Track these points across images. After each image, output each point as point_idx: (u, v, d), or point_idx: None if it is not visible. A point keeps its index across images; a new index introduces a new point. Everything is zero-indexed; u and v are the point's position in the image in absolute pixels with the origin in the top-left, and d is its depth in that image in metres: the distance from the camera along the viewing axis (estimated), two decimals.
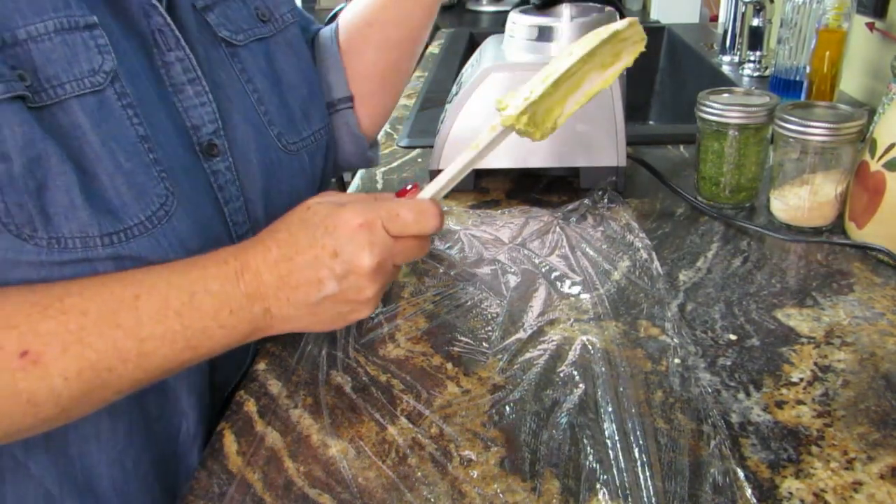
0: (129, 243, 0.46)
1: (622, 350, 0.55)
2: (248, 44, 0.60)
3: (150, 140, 0.48)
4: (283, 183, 0.61)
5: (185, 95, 0.53)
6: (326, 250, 0.46)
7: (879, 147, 0.64)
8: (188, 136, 0.53)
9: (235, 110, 0.57)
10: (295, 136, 0.63)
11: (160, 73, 0.51)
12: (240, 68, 0.59)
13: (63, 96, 0.44)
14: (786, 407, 0.49)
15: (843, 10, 0.99)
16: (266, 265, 0.47)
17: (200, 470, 0.47)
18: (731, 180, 0.76)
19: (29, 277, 0.43)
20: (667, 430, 0.47)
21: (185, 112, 0.53)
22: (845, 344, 0.55)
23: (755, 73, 1.29)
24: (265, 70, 0.61)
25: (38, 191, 0.42)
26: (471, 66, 0.85)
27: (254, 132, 0.58)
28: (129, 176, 0.46)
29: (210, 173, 0.54)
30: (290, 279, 0.47)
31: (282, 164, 0.61)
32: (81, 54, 0.45)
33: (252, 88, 0.59)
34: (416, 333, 0.59)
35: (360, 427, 0.49)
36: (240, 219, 0.57)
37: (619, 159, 0.79)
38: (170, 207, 0.48)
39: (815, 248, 0.69)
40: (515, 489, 0.43)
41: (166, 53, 0.51)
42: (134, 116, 0.47)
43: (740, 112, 0.72)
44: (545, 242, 0.71)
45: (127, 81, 0.47)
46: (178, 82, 0.52)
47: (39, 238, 0.43)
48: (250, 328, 0.47)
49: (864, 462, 0.44)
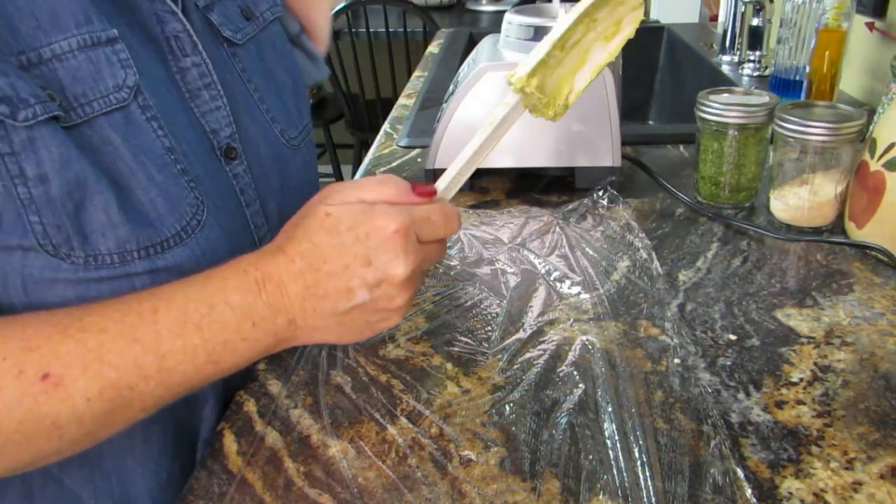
0: (166, 255, 0.46)
1: (622, 350, 0.55)
2: (245, 42, 0.60)
3: (175, 151, 0.48)
4: (293, 179, 0.62)
5: (201, 100, 0.52)
6: (358, 259, 0.44)
7: (879, 147, 0.64)
8: (209, 141, 0.53)
9: (243, 111, 0.57)
10: (294, 131, 0.63)
11: (176, 80, 0.51)
12: (241, 68, 0.58)
13: (91, 114, 0.43)
14: (786, 407, 0.49)
15: (843, 10, 0.99)
16: (290, 276, 0.45)
17: (200, 470, 0.47)
18: (731, 180, 0.76)
19: (66, 296, 0.43)
20: (667, 430, 0.47)
21: (203, 117, 0.52)
22: (845, 344, 0.55)
23: (755, 72, 1.29)
24: (259, 68, 0.61)
25: (76, 211, 0.42)
26: (467, 65, 0.85)
27: (262, 132, 0.58)
28: (163, 188, 0.46)
29: (232, 177, 0.54)
30: (317, 289, 0.45)
31: (289, 160, 0.61)
32: (105, 70, 0.44)
33: (253, 87, 0.59)
34: (416, 333, 0.59)
35: (360, 427, 0.49)
36: (259, 221, 0.57)
37: (615, 159, 0.79)
38: (201, 216, 0.49)
39: (814, 247, 0.69)
40: (515, 489, 0.43)
41: (182, 59, 0.51)
42: (159, 129, 0.47)
43: (740, 112, 0.72)
44: (545, 242, 0.71)
45: (149, 93, 0.47)
46: (193, 88, 0.52)
47: (76, 256, 0.43)
48: (274, 340, 0.46)
49: (864, 462, 0.44)
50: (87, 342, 0.41)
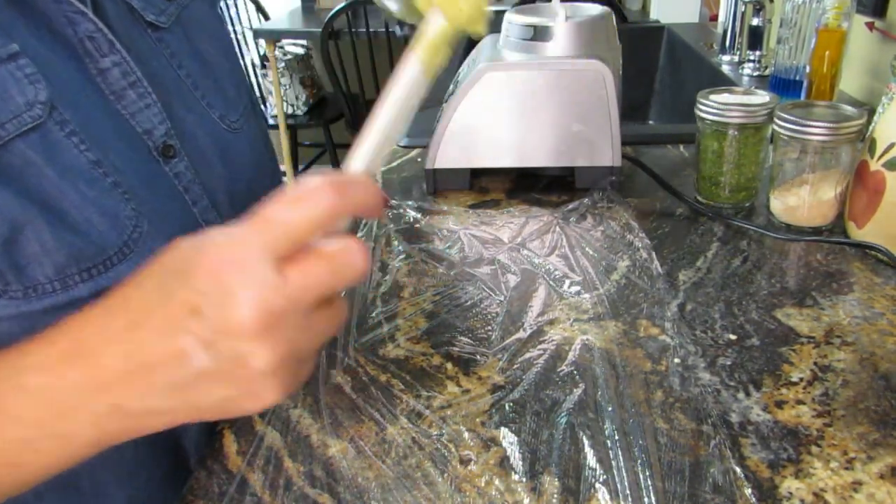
0: (109, 273, 0.44)
1: (622, 350, 0.55)
2: (171, 25, 0.55)
3: (103, 164, 0.45)
4: (239, 164, 0.58)
5: (128, 101, 0.48)
6: (184, 307, 0.32)
7: (879, 146, 0.64)
8: (143, 143, 0.49)
9: (176, 102, 0.53)
10: (235, 114, 0.59)
11: (97, 83, 0.47)
12: (169, 53, 0.54)
13: (6, 137, 0.40)
14: (785, 407, 0.49)
15: (843, 10, 0.99)
16: (106, 341, 0.34)
17: (200, 470, 0.47)
18: (731, 180, 0.75)
19: (12, 332, 0.40)
20: (666, 430, 0.47)
21: (133, 118, 0.49)
22: (845, 344, 0.55)
23: (755, 72, 1.29)
24: (190, 51, 0.56)
25: (7, 244, 0.39)
26: (467, 65, 0.85)
27: (199, 121, 0.55)
28: (98, 203, 0.44)
29: (173, 177, 0.51)
30: (141, 356, 0.33)
31: (232, 146, 0.58)
32: (13, 89, 0.41)
33: (185, 73, 0.55)
34: (416, 333, 0.59)
35: (360, 427, 0.49)
36: (211, 217, 0.54)
37: (615, 159, 0.79)
38: (142, 227, 0.46)
39: (814, 247, 0.69)
40: (515, 489, 0.44)
41: (100, 60, 0.47)
42: (80, 143, 0.44)
43: (740, 112, 0.72)
44: (545, 242, 0.71)
45: (65, 106, 0.43)
46: (118, 88, 0.48)
47: (14, 291, 0.40)
48: (96, 433, 0.35)
49: (864, 462, 0.44)
50: None
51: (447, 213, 0.79)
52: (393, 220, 0.77)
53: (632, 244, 0.70)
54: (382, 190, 0.38)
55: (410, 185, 0.86)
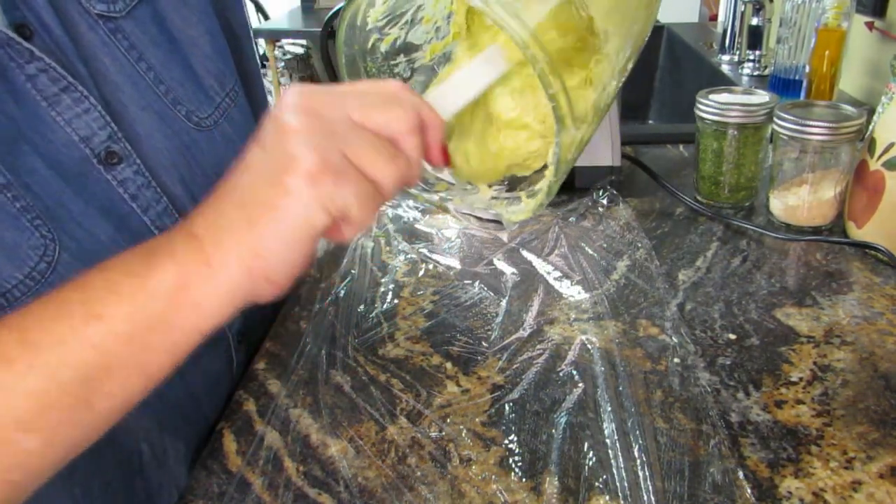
0: (12, 307, 0.41)
1: (621, 349, 0.55)
2: (129, 12, 0.50)
3: (12, 187, 0.41)
4: (209, 166, 0.54)
5: (63, 107, 0.45)
6: (250, 152, 0.38)
7: (879, 146, 0.64)
8: (80, 151, 0.46)
9: (130, 101, 0.49)
10: (208, 107, 0.55)
11: (27, 90, 0.44)
12: (126, 46, 0.50)
13: None
14: (785, 406, 0.49)
15: (843, 10, 0.99)
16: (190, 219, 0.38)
17: (200, 469, 0.47)
18: (731, 180, 0.76)
19: None
20: (666, 430, 0.47)
21: (69, 125, 0.45)
22: (844, 343, 0.55)
23: (754, 72, 1.29)
24: (157, 38, 0.52)
25: None
26: None
27: (157, 120, 0.51)
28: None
29: (118, 184, 0.48)
30: (215, 194, 0.38)
31: (199, 145, 0.54)
32: None
33: (145, 67, 0.51)
34: (416, 333, 0.59)
35: (360, 426, 0.49)
36: (168, 223, 0.51)
37: (615, 159, 0.79)
38: (51, 256, 0.43)
39: (814, 247, 0.69)
40: (515, 488, 0.44)
41: (25, 66, 0.43)
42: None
43: (739, 111, 0.72)
44: (545, 242, 0.71)
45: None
46: (49, 94, 0.44)
47: None
48: (176, 270, 0.36)
49: (864, 461, 0.44)
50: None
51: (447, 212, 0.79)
52: (393, 220, 0.77)
53: (631, 244, 0.70)
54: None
55: None
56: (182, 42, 0.54)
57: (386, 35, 0.60)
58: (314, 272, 0.68)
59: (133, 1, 0.51)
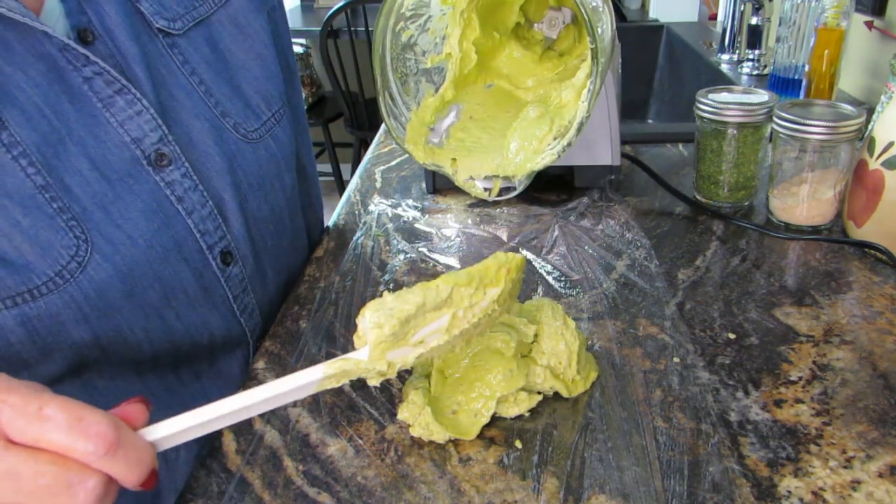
0: (38, 302, 0.42)
1: (621, 349, 0.55)
2: (186, 31, 0.54)
3: (51, 188, 0.43)
4: (253, 175, 0.58)
5: (116, 108, 0.48)
6: None
7: (878, 145, 0.64)
8: (131, 150, 0.48)
9: (182, 108, 0.53)
10: (255, 122, 0.59)
11: (83, 91, 0.46)
12: (181, 60, 0.54)
13: None
14: (784, 405, 0.49)
15: (842, 9, 0.99)
16: None
17: (199, 468, 0.47)
18: (730, 179, 0.76)
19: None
20: (666, 429, 0.47)
21: (122, 126, 0.48)
22: (844, 342, 0.55)
23: (754, 71, 1.29)
24: (209, 57, 0.56)
25: None
26: None
27: (208, 128, 0.54)
28: (29, 233, 0.42)
29: (165, 185, 0.50)
30: None
31: (245, 155, 0.57)
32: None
33: (198, 81, 0.54)
34: None
35: (359, 426, 0.49)
36: (209, 226, 0.53)
37: (614, 158, 0.79)
38: (83, 258, 0.44)
39: (813, 246, 0.69)
40: (515, 488, 0.44)
41: (82, 69, 0.46)
42: (29, 166, 0.43)
43: (739, 111, 0.72)
44: (544, 241, 0.71)
45: (20, 125, 0.42)
46: (104, 96, 0.47)
47: None
48: None
49: (863, 461, 0.44)
50: None
51: (446, 211, 0.79)
52: (392, 220, 0.77)
53: (631, 243, 0.70)
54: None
55: (410, 185, 0.86)
56: (233, 64, 0.57)
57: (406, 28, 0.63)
58: (314, 272, 0.68)
59: (190, 22, 0.55)
